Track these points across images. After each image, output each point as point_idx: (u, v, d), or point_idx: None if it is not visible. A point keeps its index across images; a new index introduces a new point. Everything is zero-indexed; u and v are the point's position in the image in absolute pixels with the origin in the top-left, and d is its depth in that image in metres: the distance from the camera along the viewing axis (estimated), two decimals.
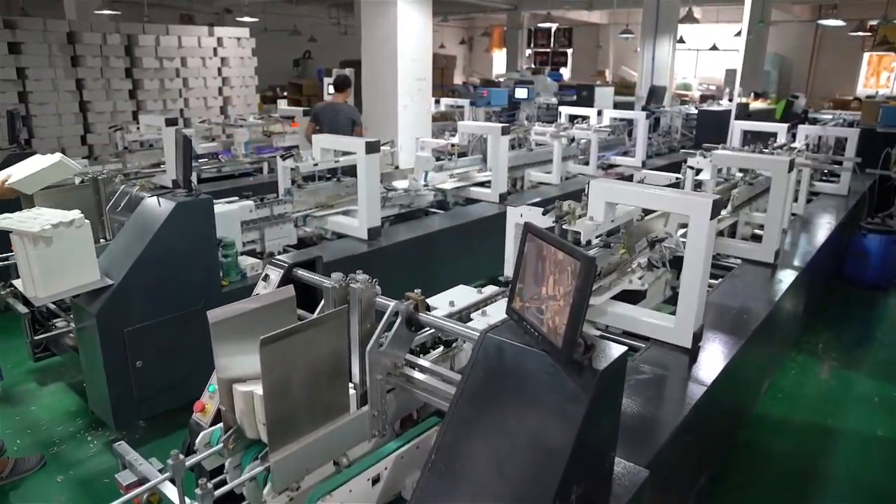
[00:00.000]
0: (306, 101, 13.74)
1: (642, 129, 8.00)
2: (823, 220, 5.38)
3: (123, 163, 6.36)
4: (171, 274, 3.19)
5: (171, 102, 8.97)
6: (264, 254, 4.31)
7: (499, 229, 5.59)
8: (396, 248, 4.49)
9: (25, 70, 7.77)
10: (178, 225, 3.16)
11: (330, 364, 1.72)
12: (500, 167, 5.63)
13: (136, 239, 3.14)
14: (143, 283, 3.08)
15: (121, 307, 3.02)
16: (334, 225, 4.63)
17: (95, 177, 3.56)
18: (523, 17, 19.82)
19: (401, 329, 1.90)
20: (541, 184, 6.80)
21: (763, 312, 3.38)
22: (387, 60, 6.23)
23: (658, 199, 2.93)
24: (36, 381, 4.04)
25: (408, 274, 4.69)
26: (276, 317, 1.77)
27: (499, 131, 5.53)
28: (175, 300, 3.23)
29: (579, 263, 1.52)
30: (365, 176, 4.26)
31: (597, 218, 3.13)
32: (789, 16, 18.29)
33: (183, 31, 9.22)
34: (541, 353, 1.64)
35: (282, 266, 2.27)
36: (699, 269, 2.82)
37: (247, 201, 4.18)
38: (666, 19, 11.90)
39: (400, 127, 6.33)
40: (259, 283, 2.30)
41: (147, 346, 3.16)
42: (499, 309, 2.46)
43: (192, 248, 3.25)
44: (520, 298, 1.78)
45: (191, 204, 3.19)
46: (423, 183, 5.51)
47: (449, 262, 5.06)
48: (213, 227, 3.34)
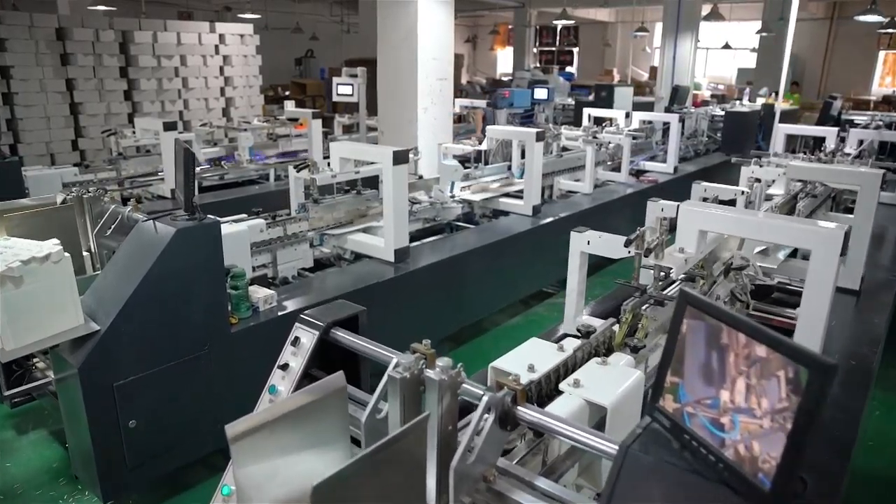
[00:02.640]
0: (311, 101, 13.16)
1: (675, 133, 7.47)
2: (890, 236, 4.86)
3: (118, 170, 5.83)
4: (171, 314, 2.65)
5: (170, 104, 8.38)
6: (276, 279, 3.77)
7: (533, 245, 5.10)
8: (426, 272, 3.95)
9: (10, 69, 7.16)
10: (179, 254, 2.61)
11: (402, 493, 1.19)
12: (535, 176, 5.10)
13: (127, 272, 2.60)
14: (136, 327, 2.54)
15: (109, 357, 2.48)
16: (355, 245, 4.08)
17: (80, 195, 3.01)
18: (531, 15, 19.28)
19: (493, 430, 1.36)
20: (570, 192, 6.26)
21: (871, 357, 2.85)
22: (406, 59, 5.69)
23: (771, 229, 2.40)
24: (13, 429, 3.50)
25: (438, 301, 4.17)
26: (321, 421, 1.24)
27: (533, 137, 4.99)
28: (175, 345, 2.69)
29: (806, 372, 0.98)
30: (392, 190, 3.72)
31: (688, 249, 2.60)
32: (804, 13, 17.76)
33: (182, 27, 8.63)
34: (723, 488, 1.10)
35: (317, 326, 1.73)
36: (821, 315, 2.29)
37: (256, 219, 3.64)
38: (688, 17, 11.36)
39: (420, 131, 5.79)
40: (286, 349, 1.76)
41: (141, 401, 2.62)
42: (595, 376, 1.91)
43: (196, 281, 2.71)
44: (673, 398, 1.24)
45: (194, 229, 2.65)
46: (449, 194, 4.98)
47: (482, 284, 4.53)
48: (220, 256, 2.79)
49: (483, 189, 5.33)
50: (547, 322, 5.08)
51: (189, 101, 8.57)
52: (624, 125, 7.56)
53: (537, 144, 5.03)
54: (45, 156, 7.39)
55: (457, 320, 4.39)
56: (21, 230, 2.74)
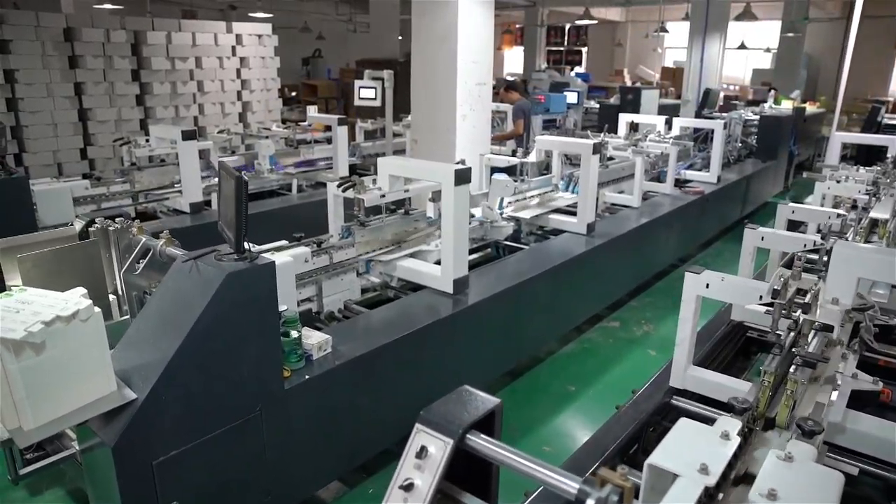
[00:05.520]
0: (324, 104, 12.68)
1: (719, 140, 7.05)
2: None
3: (131, 182, 5.39)
4: (220, 373, 2.21)
5: (184, 109, 7.89)
6: (321, 314, 3.34)
7: (590, 267, 4.67)
8: (486, 304, 3.51)
9: (15, 73, 6.66)
10: (229, 302, 2.18)
11: None
12: (590, 192, 4.67)
13: (167, 325, 2.16)
14: (180, 392, 2.10)
15: (148, 432, 2.05)
16: (406, 272, 3.65)
17: (105, 227, 2.57)
18: (543, 14, 18.82)
19: None
20: (615, 206, 5.83)
21: None
22: (444, 62, 5.24)
23: None
24: (25, 488, 3.06)
25: (497, 335, 3.74)
26: None
27: (590, 149, 4.56)
28: (223, 409, 2.26)
29: None
30: (454, 213, 3.28)
31: (843, 301, 2.18)
32: (820, 13, 17.37)
33: (197, 26, 8.11)
34: None
35: (449, 432, 1.29)
36: None
37: (301, 248, 3.21)
38: (716, 17, 10.92)
39: (458, 141, 5.35)
40: (406, 460, 1.32)
41: (185, 479, 2.19)
42: (787, 481, 1.47)
43: (248, 332, 2.28)
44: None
45: (247, 272, 2.22)
46: (499, 211, 4.55)
47: (542, 313, 4.11)
48: (274, 301, 2.36)
49: (534, 204, 4.90)
50: (602, 350, 4.66)
51: (204, 106, 8.10)
52: (663, 131, 7.15)
53: (593, 157, 4.60)
54: (52, 166, 6.92)
55: (515, 354, 3.97)
56: (37, 272, 2.31)
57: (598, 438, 2.31)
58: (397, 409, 3.03)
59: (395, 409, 3.02)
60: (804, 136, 10.82)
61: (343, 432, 2.81)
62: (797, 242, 3.08)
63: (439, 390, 1.44)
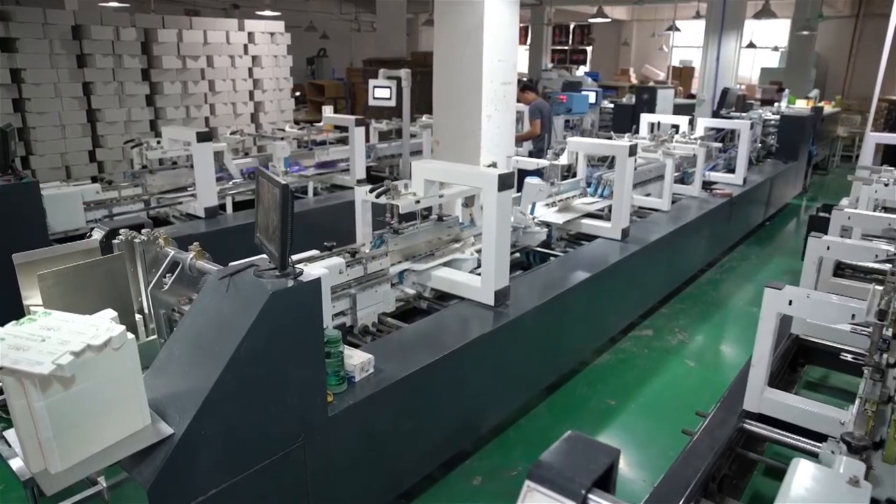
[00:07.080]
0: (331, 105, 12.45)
1: (746, 141, 6.86)
2: None
3: (143, 186, 5.18)
4: (262, 403, 2.01)
5: (195, 110, 7.65)
6: (355, 329, 3.13)
7: (625, 274, 4.47)
8: (531, 317, 3.30)
9: (21, 72, 6.42)
10: (273, 324, 1.97)
11: None
12: (625, 196, 4.47)
13: (204, 351, 1.96)
14: (221, 425, 1.89)
15: (186, 471, 1.84)
16: (442, 283, 3.44)
17: (130, 238, 2.36)
18: (549, 13, 18.59)
19: None
20: (642, 208, 5.62)
21: None
22: (469, 61, 5.04)
23: None
24: None
25: (538, 349, 3.53)
26: None
27: (626, 151, 4.36)
28: (265, 441, 2.05)
29: None
30: (496, 221, 3.07)
31: None
32: (830, 11, 17.15)
33: (209, 24, 7.85)
34: None
35: (572, 494, 1.09)
36: None
37: (334, 258, 3.00)
38: (733, 15, 10.70)
39: (483, 142, 5.15)
40: None
41: None
42: None
43: (291, 357, 2.07)
44: None
45: (293, 291, 2.01)
46: (531, 216, 4.34)
47: (581, 324, 3.90)
48: (320, 321, 2.15)
49: (563, 208, 4.69)
50: (638, 360, 4.45)
51: (216, 107, 7.86)
52: (687, 132, 6.94)
53: (629, 160, 4.40)
54: (60, 168, 6.67)
55: (556, 368, 3.76)
56: (58, 290, 2.10)
57: (678, 471, 2.10)
58: (440, 431, 2.83)
59: (437, 431, 2.82)
60: (821, 137, 10.62)
61: (387, 459, 2.60)
62: (868, 252, 2.87)
63: (482, 410, 1.23)
